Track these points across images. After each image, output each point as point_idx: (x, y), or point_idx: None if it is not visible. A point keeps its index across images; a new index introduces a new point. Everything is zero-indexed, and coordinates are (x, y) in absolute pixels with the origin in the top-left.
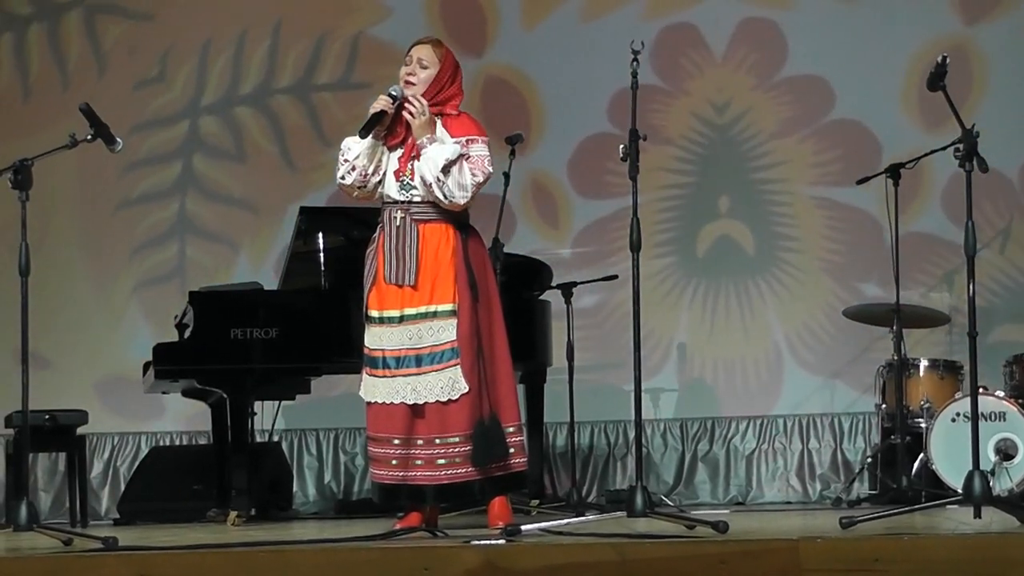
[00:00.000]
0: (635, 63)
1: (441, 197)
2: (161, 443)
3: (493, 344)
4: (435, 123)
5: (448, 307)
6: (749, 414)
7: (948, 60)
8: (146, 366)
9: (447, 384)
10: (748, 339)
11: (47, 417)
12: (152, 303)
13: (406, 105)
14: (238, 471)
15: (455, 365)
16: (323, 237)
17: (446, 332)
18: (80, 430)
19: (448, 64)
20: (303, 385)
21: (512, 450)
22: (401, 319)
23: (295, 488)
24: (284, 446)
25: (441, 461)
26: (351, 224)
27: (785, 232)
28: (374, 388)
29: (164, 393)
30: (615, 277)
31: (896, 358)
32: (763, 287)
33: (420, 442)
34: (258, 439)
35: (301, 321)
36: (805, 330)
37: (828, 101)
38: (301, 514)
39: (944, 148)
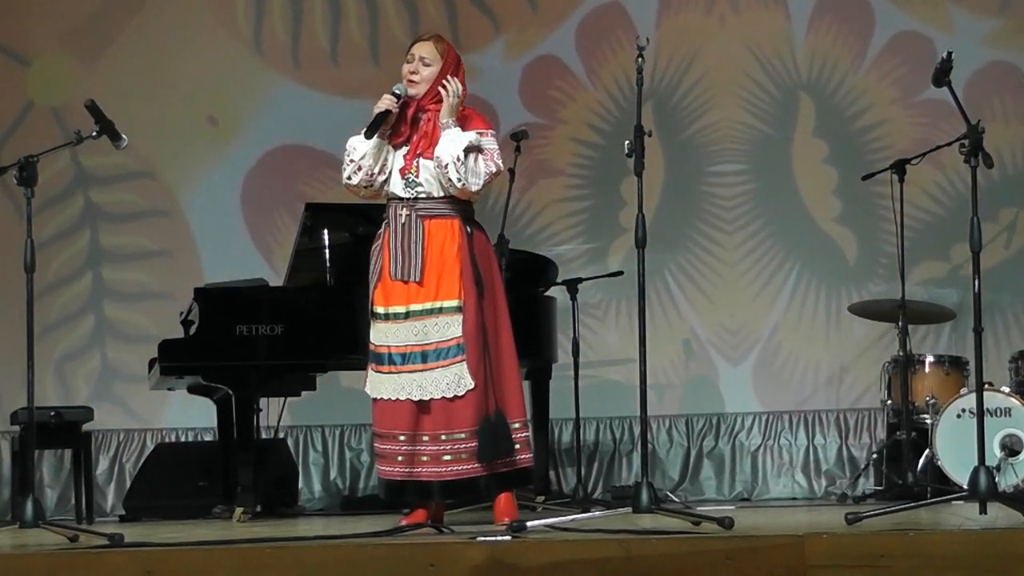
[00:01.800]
0: (640, 60)
1: (455, 180)
2: (166, 440)
3: (499, 340)
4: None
5: (454, 303)
6: (754, 410)
7: (953, 56)
8: (151, 363)
9: (453, 380)
10: (753, 335)
11: (53, 414)
12: None
13: (443, 83)
14: (244, 468)
15: (461, 361)
16: (328, 233)
17: (452, 328)
18: (86, 427)
19: (450, 60)
20: (309, 382)
21: (517, 446)
22: (407, 315)
23: (301, 485)
24: (290, 443)
25: (447, 457)
26: (356, 220)
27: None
28: (380, 384)
29: (170, 390)
30: (620, 273)
31: (902, 354)
32: (772, 286)
33: (426, 438)
34: (264, 435)
35: (306, 317)
36: (810, 327)
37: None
38: (307, 511)
39: (949, 144)
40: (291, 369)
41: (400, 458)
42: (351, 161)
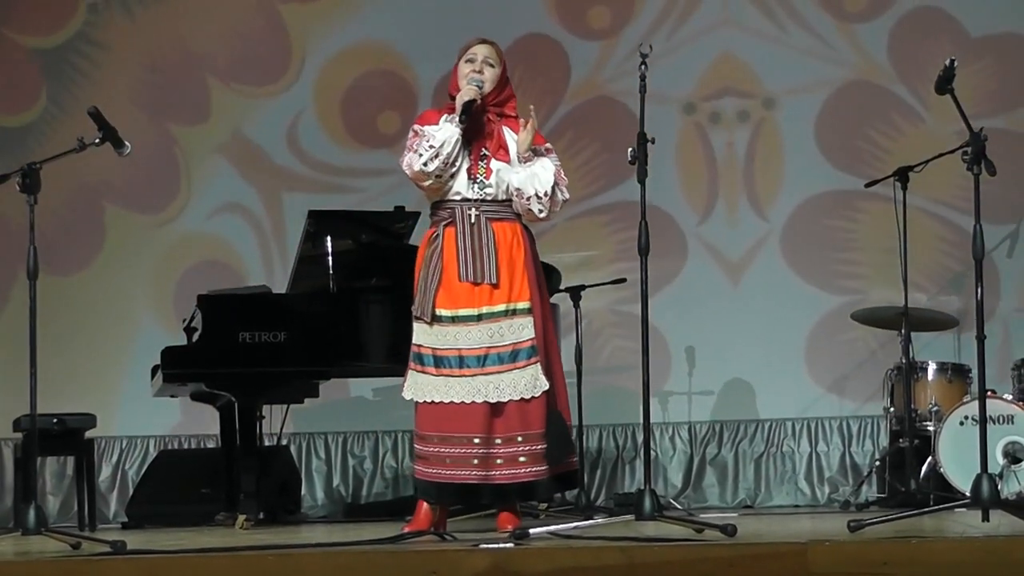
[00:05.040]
0: (643, 67)
1: (536, 211)
2: (169, 447)
3: (551, 343)
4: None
5: (525, 305)
6: (757, 417)
7: (956, 63)
8: (154, 370)
9: (530, 382)
10: (757, 343)
11: (55, 421)
12: None
13: (531, 112)
14: (246, 475)
15: (536, 363)
16: (331, 240)
17: (526, 330)
18: (88, 434)
19: (505, 64)
20: (311, 389)
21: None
22: (479, 318)
23: (303, 491)
24: (292, 449)
25: (523, 459)
26: (359, 227)
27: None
28: (447, 388)
29: (172, 397)
30: (623, 280)
31: (904, 361)
32: (778, 291)
33: (499, 441)
34: (266, 442)
35: (309, 324)
36: (813, 333)
37: None
38: (309, 518)
39: (952, 151)
40: (294, 376)
41: (475, 461)
42: (430, 147)
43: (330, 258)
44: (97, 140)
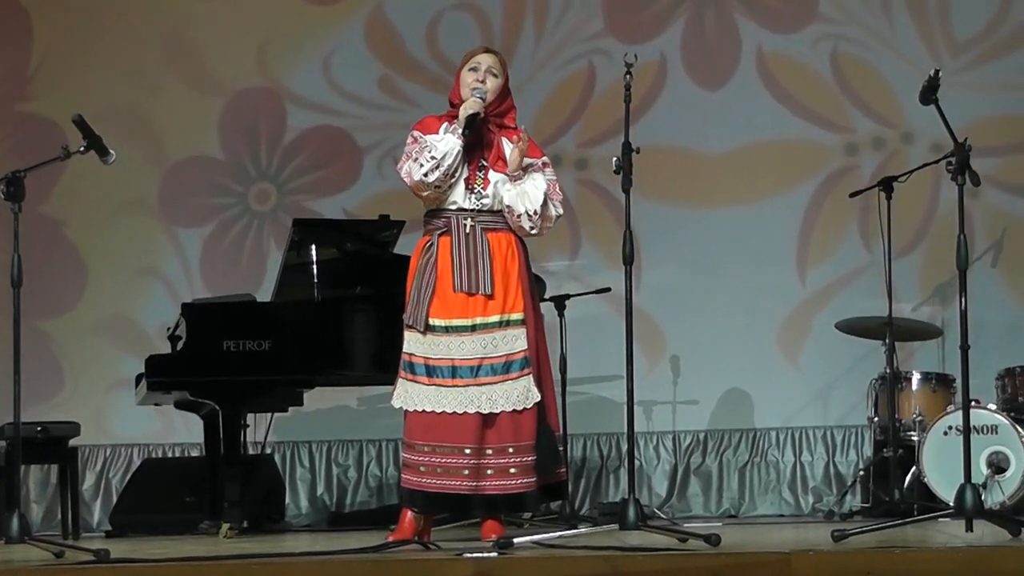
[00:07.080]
0: (628, 76)
1: (528, 228)
2: (153, 455)
3: (542, 354)
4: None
5: (519, 316)
6: (742, 426)
7: (940, 73)
8: (139, 378)
9: (522, 393)
10: (741, 352)
11: (39, 429)
12: None
13: (521, 133)
14: (230, 483)
15: (528, 374)
16: (316, 249)
17: (519, 341)
18: (72, 442)
19: (507, 75)
20: (296, 397)
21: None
22: (473, 328)
23: (288, 500)
24: (277, 458)
25: (513, 470)
26: (344, 236)
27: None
28: (440, 398)
29: (156, 405)
30: (608, 290)
31: (889, 371)
32: (760, 299)
33: (490, 452)
34: (251, 451)
35: (294, 333)
36: (798, 343)
37: None
38: (293, 526)
39: (937, 161)
40: (278, 385)
41: (466, 471)
42: (432, 158)
43: (315, 267)
44: (82, 148)
